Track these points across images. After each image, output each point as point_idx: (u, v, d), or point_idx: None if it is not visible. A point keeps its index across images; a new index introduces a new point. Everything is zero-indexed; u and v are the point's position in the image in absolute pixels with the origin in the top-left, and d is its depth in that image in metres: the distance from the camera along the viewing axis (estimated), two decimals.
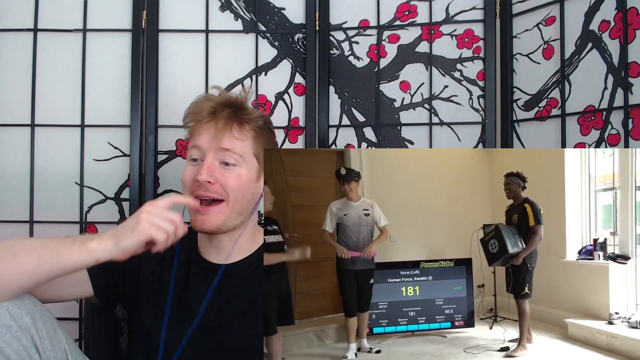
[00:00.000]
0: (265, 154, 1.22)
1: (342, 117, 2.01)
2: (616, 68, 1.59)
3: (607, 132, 1.61)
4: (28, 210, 1.93)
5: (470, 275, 2.70)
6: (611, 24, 1.60)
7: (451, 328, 2.67)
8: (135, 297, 1.21)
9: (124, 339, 1.42)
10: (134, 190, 1.93)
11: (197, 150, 1.16)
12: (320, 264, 2.67)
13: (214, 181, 1.13)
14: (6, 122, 1.94)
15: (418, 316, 2.63)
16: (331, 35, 2.01)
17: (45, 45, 1.95)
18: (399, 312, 2.61)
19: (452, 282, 2.67)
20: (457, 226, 3.02)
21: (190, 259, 1.23)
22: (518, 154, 2.93)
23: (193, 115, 1.19)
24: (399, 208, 2.87)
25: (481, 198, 3.28)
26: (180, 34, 1.99)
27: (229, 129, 1.15)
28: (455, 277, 2.68)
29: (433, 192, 3.05)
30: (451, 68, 1.95)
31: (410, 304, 2.62)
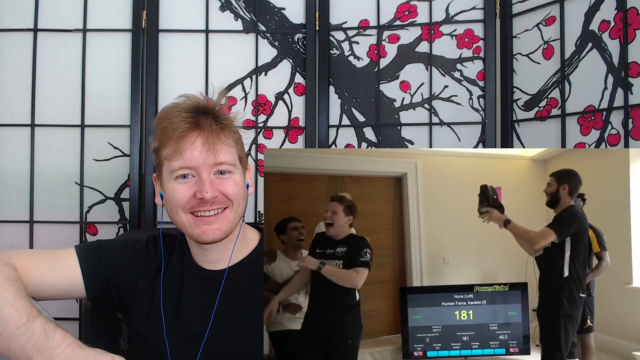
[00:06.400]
0: (331, 181, 1.13)
1: (342, 117, 2.01)
2: (616, 68, 1.59)
3: (607, 132, 1.61)
4: (28, 210, 1.93)
5: (525, 300, 2.59)
6: (611, 24, 1.60)
7: (505, 354, 2.59)
8: (129, 307, 1.20)
9: (123, 339, 1.42)
10: (134, 190, 1.93)
11: (187, 169, 1.09)
12: (378, 285, 2.73)
13: (218, 194, 1.11)
14: (6, 122, 1.94)
15: (472, 341, 2.55)
16: (331, 35, 2.01)
17: (45, 45, 1.95)
18: (452, 336, 2.55)
19: (506, 307, 2.58)
20: (512, 249, 2.95)
21: (183, 267, 1.21)
22: (577, 168, 2.76)
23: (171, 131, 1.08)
24: (452, 230, 2.86)
25: (537, 218, 3.09)
26: (180, 34, 1.99)
27: (218, 140, 1.09)
28: (510, 302, 2.58)
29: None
30: (451, 68, 1.95)
31: (463, 329, 2.55)
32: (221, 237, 1.12)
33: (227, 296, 1.16)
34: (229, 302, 1.15)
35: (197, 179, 1.09)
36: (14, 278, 1.01)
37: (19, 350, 0.90)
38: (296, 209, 2.36)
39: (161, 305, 1.15)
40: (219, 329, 1.13)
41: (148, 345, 1.16)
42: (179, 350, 1.13)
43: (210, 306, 1.14)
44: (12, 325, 0.91)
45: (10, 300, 0.94)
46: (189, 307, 1.16)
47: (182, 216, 1.11)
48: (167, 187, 1.12)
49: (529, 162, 3.22)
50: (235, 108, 1.96)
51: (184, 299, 1.17)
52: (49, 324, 0.93)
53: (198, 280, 1.18)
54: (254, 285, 1.18)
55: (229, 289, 1.16)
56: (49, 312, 1.03)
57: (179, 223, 1.12)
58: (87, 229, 1.96)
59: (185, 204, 1.10)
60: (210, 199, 1.08)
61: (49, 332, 0.91)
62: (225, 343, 1.13)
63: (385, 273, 2.61)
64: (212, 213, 1.10)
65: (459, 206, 2.93)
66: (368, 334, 2.69)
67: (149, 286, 1.18)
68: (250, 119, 2.00)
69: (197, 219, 1.10)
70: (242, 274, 1.18)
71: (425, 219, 2.68)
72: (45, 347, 0.90)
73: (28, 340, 0.90)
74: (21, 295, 0.97)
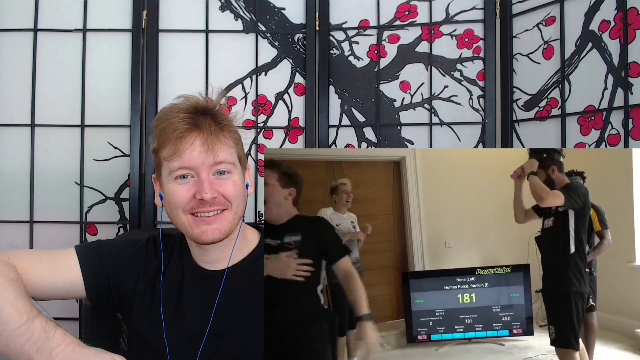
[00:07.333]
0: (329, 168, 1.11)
1: (342, 117, 2.01)
2: (616, 68, 1.59)
3: (607, 132, 1.61)
4: (28, 210, 1.93)
5: (528, 282, 2.61)
6: (611, 24, 1.60)
7: (509, 336, 2.61)
8: (129, 307, 1.20)
9: (123, 339, 1.42)
10: (134, 191, 1.93)
11: (186, 169, 1.09)
12: (381, 271, 2.73)
13: (217, 195, 1.11)
14: (6, 122, 1.94)
15: (475, 323, 2.58)
16: (331, 35, 2.01)
17: (45, 45, 1.95)
18: (455, 319, 2.57)
19: (509, 289, 2.60)
20: (513, 231, 2.94)
21: (182, 267, 1.21)
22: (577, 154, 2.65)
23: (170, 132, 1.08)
24: (453, 214, 2.86)
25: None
26: (180, 34, 1.99)
27: (217, 141, 1.09)
28: (512, 283, 2.61)
29: (487, 196, 3.00)
30: (451, 68, 1.95)
31: (466, 311, 2.58)
32: (221, 237, 1.12)
33: (226, 296, 1.16)
34: (228, 302, 1.15)
35: (197, 180, 1.09)
36: (14, 278, 1.01)
37: (19, 350, 0.90)
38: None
39: (161, 305, 1.15)
40: (218, 329, 1.13)
41: (148, 345, 1.16)
42: (179, 350, 1.13)
43: (210, 306, 1.14)
44: (12, 325, 0.91)
45: (10, 300, 0.94)
46: (188, 307, 1.16)
47: (181, 217, 1.11)
48: (167, 187, 1.12)
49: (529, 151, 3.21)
50: (235, 108, 1.96)
51: (184, 299, 1.17)
52: (49, 324, 0.93)
53: (198, 280, 1.19)
54: (253, 286, 1.18)
55: (229, 289, 1.16)
56: (49, 312, 1.03)
57: (179, 224, 1.12)
58: (87, 229, 1.96)
59: (185, 204, 1.10)
60: (210, 199, 1.08)
61: (48, 332, 0.91)
62: (224, 343, 1.13)
63: (387, 258, 2.59)
64: (211, 214, 1.10)
65: (458, 189, 2.93)
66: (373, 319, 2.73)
67: (149, 286, 1.18)
68: (250, 119, 2.00)
69: (196, 219, 1.10)
70: (242, 274, 1.18)
71: (425, 203, 2.67)
72: (45, 346, 0.90)
73: (28, 340, 0.90)
74: (21, 295, 0.97)
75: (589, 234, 2.04)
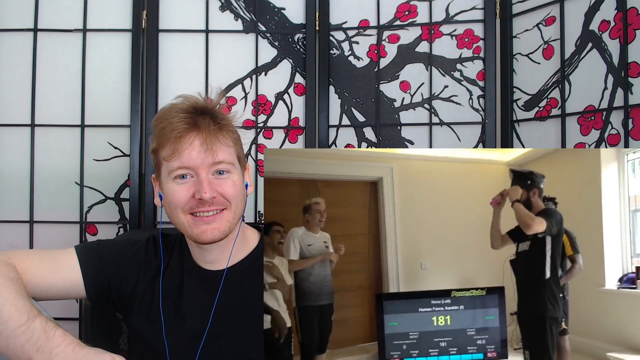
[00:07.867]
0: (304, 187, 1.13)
1: (342, 117, 2.01)
2: (616, 68, 1.59)
3: (607, 132, 1.61)
4: (28, 210, 1.93)
5: (503, 304, 2.56)
6: (611, 24, 1.60)
7: (483, 359, 2.63)
8: (129, 307, 1.20)
9: (123, 339, 1.42)
10: (134, 191, 1.93)
11: (185, 169, 1.09)
12: (354, 292, 2.68)
13: (216, 194, 1.11)
14: (6, 122, 1.94)
15: (449, 347, 2.51)
16: (331, 35, 2.01)
17: (45, 45, 1.96)
18: (430, 342, 2.51)
19: (484, 312, 2.55)
20: (489, 253, 2.92)
21: (182, 267, 1.21)
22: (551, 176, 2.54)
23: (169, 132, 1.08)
24: (429, 235, 2.84)
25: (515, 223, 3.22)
26: (180, 34, 1.99)
27: (216, 140, 1.10)
28: (487, 306, 2.55)
29: (464, 218, 2.99)
30: (451, 68, 1.95)
31: (441, 334, 2.51)
32: (220, 237, 1.12)
33: (226, 296, 1.16)
34: (228, 302, 1.15)
35: (196, 180, 1.09)
36: (14, 278, 1.01)
37: (19, 350, 0.90)
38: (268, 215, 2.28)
39: (161, 305, 1.15)
40: (218, 329, 1.13)
41: (148, 345, 1.16)
42: (178, 350, 1.13)
43: (209, 306, 1.14)
44: (12, 325, 0.92)
45: (11, 300, 0.95)
46: (188, 307, 1.16)
47: (181, 217, 1.11)
48: (166, 187, 1.12)
49: (504, 167, 3.18)
50: (235, 108, 1.96)
51: (184, 299, 1.17)
52: (49, 324, 0.93)
53: (198, 280, 1.19)
54: (253, 286, 1.18)
55: (229, 289, 1.16)
56: (49, 312, 1.04)
57: (179, 224, 1.12)
58: (87, 229, 1.96)
59: (185, 204, 1.10)
60: (209, 199, 1.08)
61: (49, 332, 0.91)
62: (224, 343, 1.13)
63: (361, 279, 2.54)
64: (210, 213, 1.10)
65: (435, 211, 2.93)
66: (343, 342, 2.67)
67: (148, 286, 1.18)
68: (250, 119, 2.00)
69: (196, 219, 1.10)
70: (242, 274, 1.18)
71: (402, 224, 2.64)
72: (45, 346, 0.90)
73: (28, 340, 0.90)
74: (21, 295, 0.97)
75: (561, 259, 2.04)
